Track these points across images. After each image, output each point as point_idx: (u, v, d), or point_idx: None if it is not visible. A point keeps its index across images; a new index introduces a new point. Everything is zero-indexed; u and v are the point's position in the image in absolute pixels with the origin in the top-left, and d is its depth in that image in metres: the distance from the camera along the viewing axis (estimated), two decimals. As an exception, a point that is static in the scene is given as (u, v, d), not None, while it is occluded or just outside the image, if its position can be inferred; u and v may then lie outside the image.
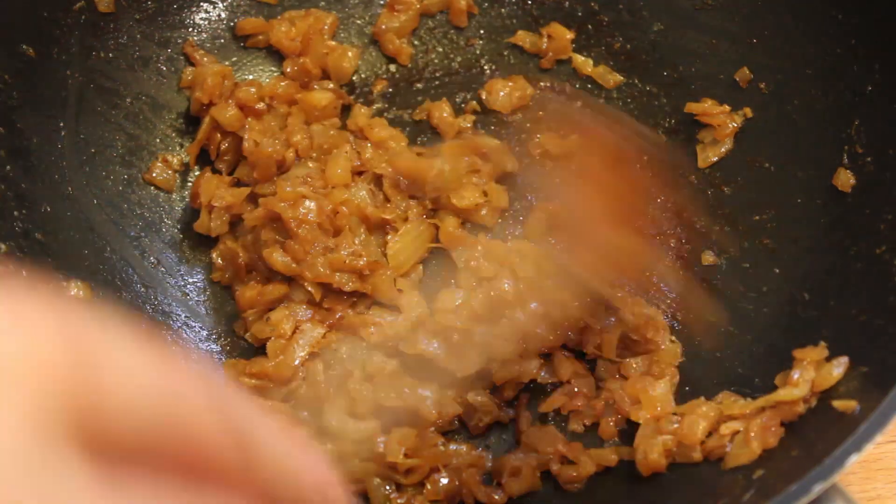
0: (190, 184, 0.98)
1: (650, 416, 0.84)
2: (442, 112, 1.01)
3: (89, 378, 0.33)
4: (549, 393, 0.89)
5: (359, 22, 1.05)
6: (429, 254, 0.95)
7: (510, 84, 1.02)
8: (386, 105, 1.03)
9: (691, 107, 0.99)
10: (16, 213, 0.84)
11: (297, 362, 0.86)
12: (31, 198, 0.86)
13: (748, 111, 0.97)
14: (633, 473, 0.84)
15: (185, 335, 0.91)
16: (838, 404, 0.72)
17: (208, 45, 1.02)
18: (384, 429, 0.82)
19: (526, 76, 1.03)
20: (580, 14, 1.04)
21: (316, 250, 0.88)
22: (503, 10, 1.06)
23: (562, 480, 0.85)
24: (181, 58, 1.00)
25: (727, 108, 0.97)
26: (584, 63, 1.03)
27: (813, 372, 0.78)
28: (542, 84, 1.02)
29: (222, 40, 1.02)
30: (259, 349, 0.91)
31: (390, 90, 1.04)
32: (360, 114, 1.00)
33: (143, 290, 0.91)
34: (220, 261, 0.93)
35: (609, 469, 0.85)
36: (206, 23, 1.02)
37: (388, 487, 0.83)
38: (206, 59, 1.00)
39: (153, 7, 0.99)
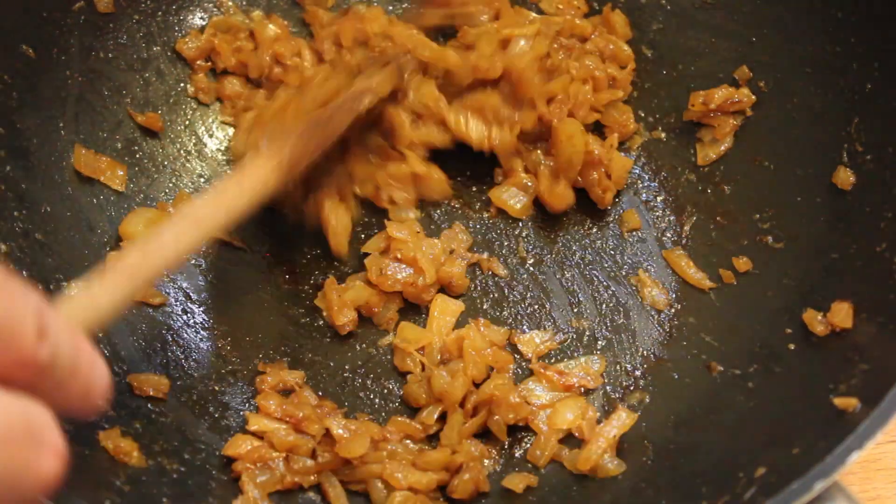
0: (190, 184, 0.98)
1: None
2: None
3: None
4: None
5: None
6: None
7: None
8: None
9: (690, 112, 0.99)
10: (16, 213, 0.84)
11: None
12: (31, 198, 0.86)
13: (748, 110, 0.97)
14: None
15: (185, 335, 0.91)
16: (839, 402, 0.72)
17: (208, 45, 1.02)
18: None
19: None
20: (580, 13, 1.05)
21: None
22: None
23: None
24: (181, 58, 1.00)
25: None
26: None
27: None
28: None
29: (222, 40, 1.02)
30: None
31: None
32: None
33: (143, 289, 0.91)
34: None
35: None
36: (206, 23, 1.02)
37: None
38: None
39: (153, 7, 0.99)
